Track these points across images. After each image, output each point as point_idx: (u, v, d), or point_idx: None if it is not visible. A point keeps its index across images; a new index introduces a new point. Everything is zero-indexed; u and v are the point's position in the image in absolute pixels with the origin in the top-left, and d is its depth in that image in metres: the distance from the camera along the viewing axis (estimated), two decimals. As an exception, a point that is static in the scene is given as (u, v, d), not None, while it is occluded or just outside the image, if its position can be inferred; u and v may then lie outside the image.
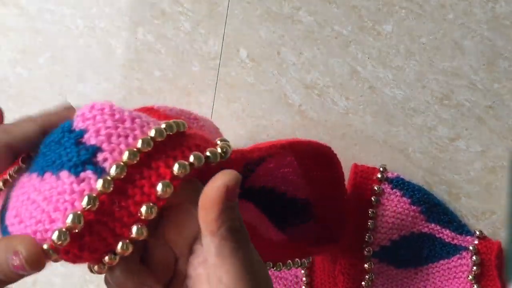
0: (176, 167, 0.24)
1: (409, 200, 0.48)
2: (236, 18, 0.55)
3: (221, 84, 0.55)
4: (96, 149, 0.25)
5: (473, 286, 0.46)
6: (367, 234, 0.47)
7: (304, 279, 0.48)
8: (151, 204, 0.24)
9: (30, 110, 0.32)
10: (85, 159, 0.25)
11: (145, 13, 0.56)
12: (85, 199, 0.23)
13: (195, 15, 0.55)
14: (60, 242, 0.23)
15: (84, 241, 0.24)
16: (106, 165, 0.25)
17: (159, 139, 0.25)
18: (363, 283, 0.47)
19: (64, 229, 0.23)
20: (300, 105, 0.53)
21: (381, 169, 0.49)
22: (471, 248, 0.46)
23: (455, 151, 0.50)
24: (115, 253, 0.24)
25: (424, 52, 0.51)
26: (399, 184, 0.48)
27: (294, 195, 0.41)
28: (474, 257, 0.46)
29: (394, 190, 0.48)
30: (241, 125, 0.53)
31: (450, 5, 0.51)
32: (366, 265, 0.47)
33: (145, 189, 0.24)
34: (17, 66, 0.59)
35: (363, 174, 0.49)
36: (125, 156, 0.24)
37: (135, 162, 0.24)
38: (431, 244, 0.47)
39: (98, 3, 0.57)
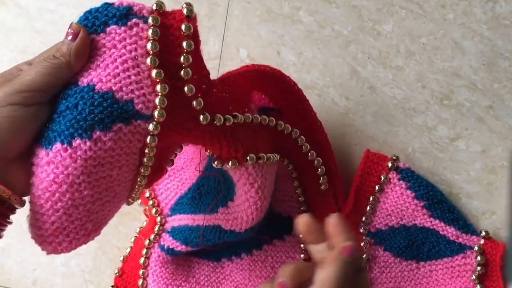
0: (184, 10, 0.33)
1: (413, 194, 0.48)
2: (236, 18, 0.55)
3: (221, 84, 0.55)
4: (129, 8, 0.33)
5: (476, 286, 0.46)
6: (365, 215, 0.49)
7: None
8: (186, 23, 0.32)
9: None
10: (126, 12, 0.32)
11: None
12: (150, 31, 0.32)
13: (195, 15, 0.55)
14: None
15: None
16: (144, 13, 0.33)
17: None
18: None
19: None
20: (300, 105, 0.53)
21: (394, 157, 0.49)
22: (476, 248, 0.46)
23: (455, 151, 0.50)
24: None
25: (424, 52, 0.51)
26: (408, 176, 0.49)
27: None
28: (479, 257, 0.46)
29: (401, 181, 0.49)
30: (241, 125, 0.53)
31: (450, 5, 0.51)
32: (362, 244, 0.48)
33: (176, 17, 0.33)
34: (17, 66, 0.59)
35: (375, 159, 0.49)
36: (154, 6, 0.33)
37: (161, 11, 0.33)
38: (435, 240, 0.48)
39: (98, 3, 0.57)
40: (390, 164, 0.49)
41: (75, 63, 0.31)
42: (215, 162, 0.38)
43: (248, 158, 0.39)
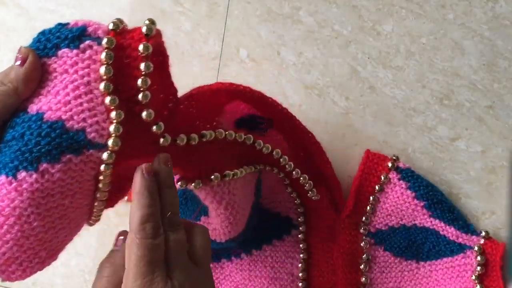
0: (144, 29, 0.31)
1: (413, 194, 0.48)
2: (236, 18, 0.55)
3: (221, 84, 0.55)
4: (83, 29, 0.31)
5: (476, 286, 0.46)
6: (365, 215, 0.49)
7: (300, 274, 0.49)
8: (144, 42, 0.31)
9: (30, 110, 0.32)
10: (79, 33, 0.31)
11: (145, 13, 0.56)
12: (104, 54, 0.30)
13: (195, 15, 0.55)
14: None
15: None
16: (99, 34, 0.31)
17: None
18: (361, 266, 0.48)
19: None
20: (300, 105, 0.53)
21: (394, 157, 0.49)
22: (476, 248, 0.46)
23: (455, 151, 0.50)
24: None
25: (424, 52, 0.51)
26: (408, 176, 0.49)
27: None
28: (479, 257, 0.46)
29: (401, 181, 0.49)
30: (241, 125, 0.53)
31: (450, 5, 0.51)
32: (362, 244, 0.49)
33: (135, 36, 0.31)
34: (17, 66, 0.59)
35: (375, 160, 0.50)
36: (111, 25, 0.31)
37: (119, 30, 0.31)
38: (435, 240, 0.48)
39: (98, 3, 0.57)
40: (390, 164, 0.49)
41: (23, 90, 0.30)
42: (179, 183, 0.37)
43: (212, 177, 0.37)
